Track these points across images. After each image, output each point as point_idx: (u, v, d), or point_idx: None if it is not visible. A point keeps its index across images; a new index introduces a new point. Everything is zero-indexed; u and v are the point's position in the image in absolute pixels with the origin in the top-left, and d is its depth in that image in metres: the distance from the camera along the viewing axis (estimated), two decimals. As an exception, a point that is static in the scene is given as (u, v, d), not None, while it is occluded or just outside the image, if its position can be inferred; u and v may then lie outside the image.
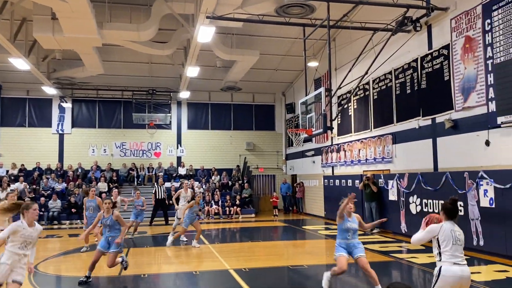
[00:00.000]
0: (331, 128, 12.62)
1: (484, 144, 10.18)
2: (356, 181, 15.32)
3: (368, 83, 15.45)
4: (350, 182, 15.90)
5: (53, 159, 22.06)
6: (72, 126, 22.67)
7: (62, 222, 18.35)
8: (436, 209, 11.09)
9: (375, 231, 13.69)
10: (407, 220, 12.58)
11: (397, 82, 13.83)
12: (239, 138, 24.39)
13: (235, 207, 20.48)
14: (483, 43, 10.26)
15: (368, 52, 13.54)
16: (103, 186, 20.20)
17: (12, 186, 19.32)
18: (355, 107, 16.61)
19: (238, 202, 20.71)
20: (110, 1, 14.35)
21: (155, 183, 21.10)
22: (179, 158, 23.63)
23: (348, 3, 12.67)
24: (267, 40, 18.20)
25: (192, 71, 16.95)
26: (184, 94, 21.64)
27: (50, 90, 20.03)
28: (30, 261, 5.38)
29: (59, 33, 13.36)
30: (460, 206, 10.28)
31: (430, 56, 12.26)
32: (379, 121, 14.88)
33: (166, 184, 19.83)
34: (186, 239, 12.37)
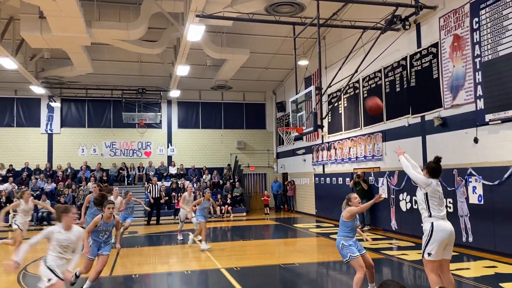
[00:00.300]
0: (321, 127, 12.64)
1: (472, 141, 10.28)
2: (347, 179, 15.40)
3: (358, 82, 15.52)
4: (340, 180, 15.98)
5: (42, 159, 21.86)
6: (61, 126, 22.47)
7: (52, 223, 18.18)
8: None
9: (366, 228, 13.77)
10: (397, 217, 12.68)
11: (386, 80, 13.91)
12: (230, 137, 24.37)
13: (226, 206, 20.47)
14: (471, 41, 10.36)
15: (358, 51, 13.60)
16: (92, 186, 20.04)
17: (0, 187, 19.14)
18: (345, 105, 16.68)
19: (229, 201, 20.71)
20: (98, -1, 14.25)
21: (146, 182, 21.08)
22: (169, 158, 23.54)
23: (338, 1, 12.69)
24: (257, 38, 18.19)
25: (182, 70, 16.89)
26: (174, 93, 21.56)
27: (38, 90, 19.82)
28: (70, 267, 5.21)
29: (47, 32, 13.21)
30: (449, 203, 10.39)
31: (419, 54, 12.35)
32: (369, 119, 14.95)
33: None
34: (182, 237, 12.33)
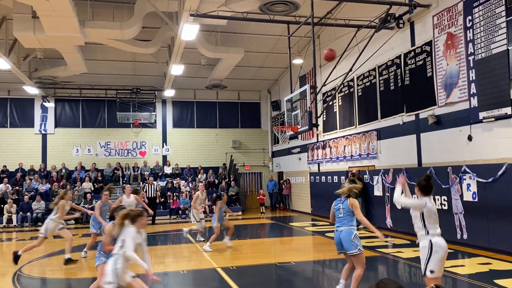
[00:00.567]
0: (316, 125, 12.66)
1: (466, 139, 10.34)
2: (342, 177, 15.43)
3: (352, 80, 15.55)
4: (336, 179, 16.01)
5: (36, 159, 21.74)
6: (55, 126, 22.36)
7: (46, 224, 18.06)
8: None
9: (361, 226, 13.79)
10: (392, 215, 12.72)
11: (381, 78, 13.95)
12: (225, 136, 24.35)
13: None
14: (465, 39, 10.40)
15: (352, 49, 13.62)
16: (88, 186, 20.02)
17: (-6, 188, 19.02)
18: (340, 104, 16.71)
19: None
20: (92, -1, 14.18)
21: (142, 182, 21.02)
22: (164, 157, 23.49)
23: (332, 0, 12.72)
24: (252, 37, 18.18)
25: (176, 69, 16.84)
26: (169, 93, 21.51)
27: (32, 90, 19.70)
28: (146, 267, 5.67)
29: (40, 31, 13.12)
30: (444, 200, 10.44)
31: (413, 52, 12.39)
32: (363, 117, 15.00)
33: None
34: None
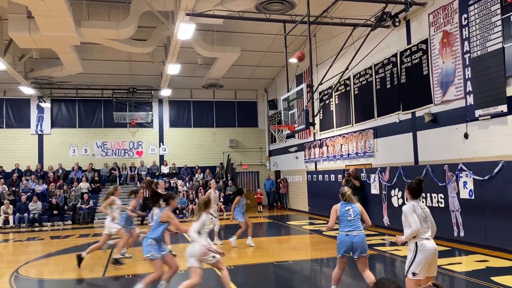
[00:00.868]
0: (313, 124, 12.68)
1: (463, 137, 10.37)
2: (339, 175, 15.46)
3: (349, 79, 15.57)
4: (333, 177, 16.03)
5: (32, 160, 21.68)
6: (52, 126, 22.30)
7: (43, 224, 18.05)
8: (417, 201, 11.25)
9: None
10: (389, 213, 12.75)
11: (377, 77, 13.97)
12: (222, 135, 24.34)
13: (219, 204, 20.43)
14: (460, 37, 10.43)
15: (348, 48, 13.63)
16: (85, 187, 19.98)
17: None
18: (337, 102, 16.73)
19: (222, 199, 20.68)
20: (87, -2, 14.14)
21: (139, 182, 20.99)
22: (161, 157, 23.46)
23: (328, -1, 12.74)
24: (248, 36, 18.17)
25: (173, 68, 16.82)
26: (166, 92, 21.47)
27: (27, 90, 19.63)
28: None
29: (36, 32, 13.07)
30: (441, 198, 10.47)
31: (409, 51, 12.41)
32: (360, 116, 15.02)
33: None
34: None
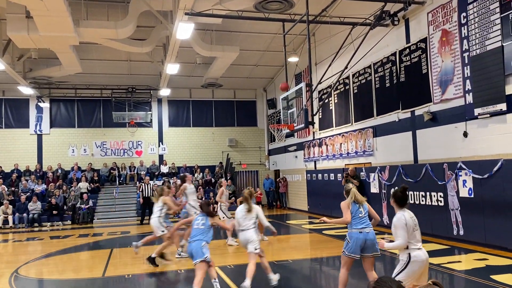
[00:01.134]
0: (312, 123, 12.68)
1: (462, 135, 10.37)
2: (339, 174, 15.45)
3: (348, 77, 15.57)
4: (332, 176, 16.03)
5: (31, 160, 21.65)
6: (51, 126, 22.26)
7: (42, 224, 18.04)
8: (417, 200, 11.27)
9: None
10: (389, 212, 12.75)
11: (376, 76, 13.97)
12: (221, 135, 24.33)
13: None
14: (459, 36, 10.43)
15: (347, 47, 13.63)
16: (84, 186, 19.97)
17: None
18: (336, 101, 16.73)
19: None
20: (86, -2, 14.12)
21: (138, 182, 20.98)
22: (161, 156, 23.45)
23: (327, -2, 12.73)
24: (247, 36, 18.16)
25: (172, 68, 16.80)
26: (165, 92, 21.44)
27: (26, 90, 19.59)
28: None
29: (34, 31, 13.05)
30: (440, 197, 10.48)
31: (408, 49, 12.41)
32: (359, 114, 15.02)
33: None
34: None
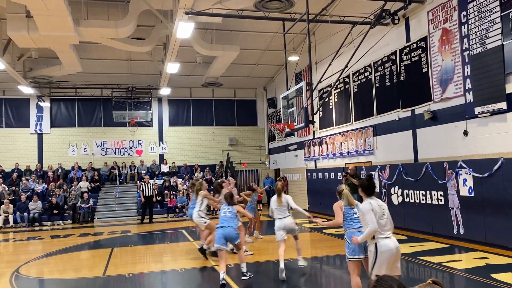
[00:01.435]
0: (312, 122, 12.68)
1: (462, 134, 10.37)
2: (339, 173, 15.45)
3: (348, 76, 15.57)
4: (333, 175, 16.03)
5: (32, 159, 21.66)
6: (51, 126, 22.27)
7: (43, 224, 18.06)
8: (417, 199, 11.27)
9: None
10: (389, 211, 12.72)
11: (376, 74, 13.96)
12: (222, 134, 24.34)
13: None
14: (460, 35, 10.43)
15: (347, 46, 13.62)
16: (84, 186, 19.98)
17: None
18: (336, 100, 16.73)
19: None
20: (86, -3, 14.12)
21: (138, 181, 20.99)
22: (161, 156, 23.45)
23: (327, -3, 12.73)
24: (247, 35, 18.16)
25: (172, 67, 16.80)
26: (165, 91, 21.44)
27: (27, 90, 19.60)
28: None
29: (35, 31, 13.05)
30: (440, 195, 10.48)
31: (408, 48, 12.40)
32: (359, 113, 15.02)
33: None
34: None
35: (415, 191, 11.41)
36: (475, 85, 9.93)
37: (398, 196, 12.27)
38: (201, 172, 22.64)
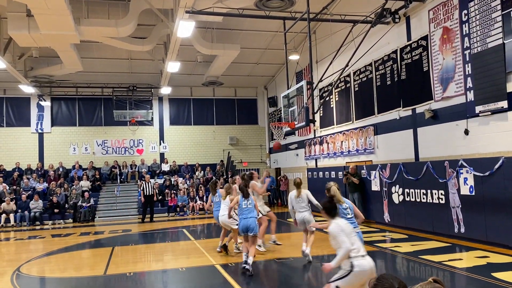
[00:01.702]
0: (313, 121, 12.66)
1: (463, 133, 10.37)
2: (340, 172, 15.45)
3: (349, 75, 15.56)
4: (333, 174, 16.03)
5: (33, 158, 21.68)
6: (52, 125, 22.29)
7: (44, 223, 18.08)
8: (418, 198, 11.26)
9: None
10: (390, 210, 12.75)
11: (377, 73, 13.96)
12: (222, 133, 24.34)
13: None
14: (460, 33, 10.41)
15: (348, 45, 13.61)
16: (85, 185, 20.00)
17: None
18: (337, 99, 16.72)
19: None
20: (87, -4, 14.12)
21: (139, 180, 21.01)
22: (162, 155, 23.47)
23: (328, -5, 12.71)
24: (248, 34, 18.15)
25: (172, 66, 16.80)
26: (165, 90, 21.45)
27: (27, 89, 19.63)
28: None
29: (35, 30, 13.06)
30: (441, 194, 10.47)
31: (409, 47, 12.39)
32: (360, 112, 15.01)
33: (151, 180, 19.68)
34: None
35: (416, 190, 11.40)
36: (476, 84, 9.91)
37: (398, 195, 12.27)
38: (201, 171, 22.66)
